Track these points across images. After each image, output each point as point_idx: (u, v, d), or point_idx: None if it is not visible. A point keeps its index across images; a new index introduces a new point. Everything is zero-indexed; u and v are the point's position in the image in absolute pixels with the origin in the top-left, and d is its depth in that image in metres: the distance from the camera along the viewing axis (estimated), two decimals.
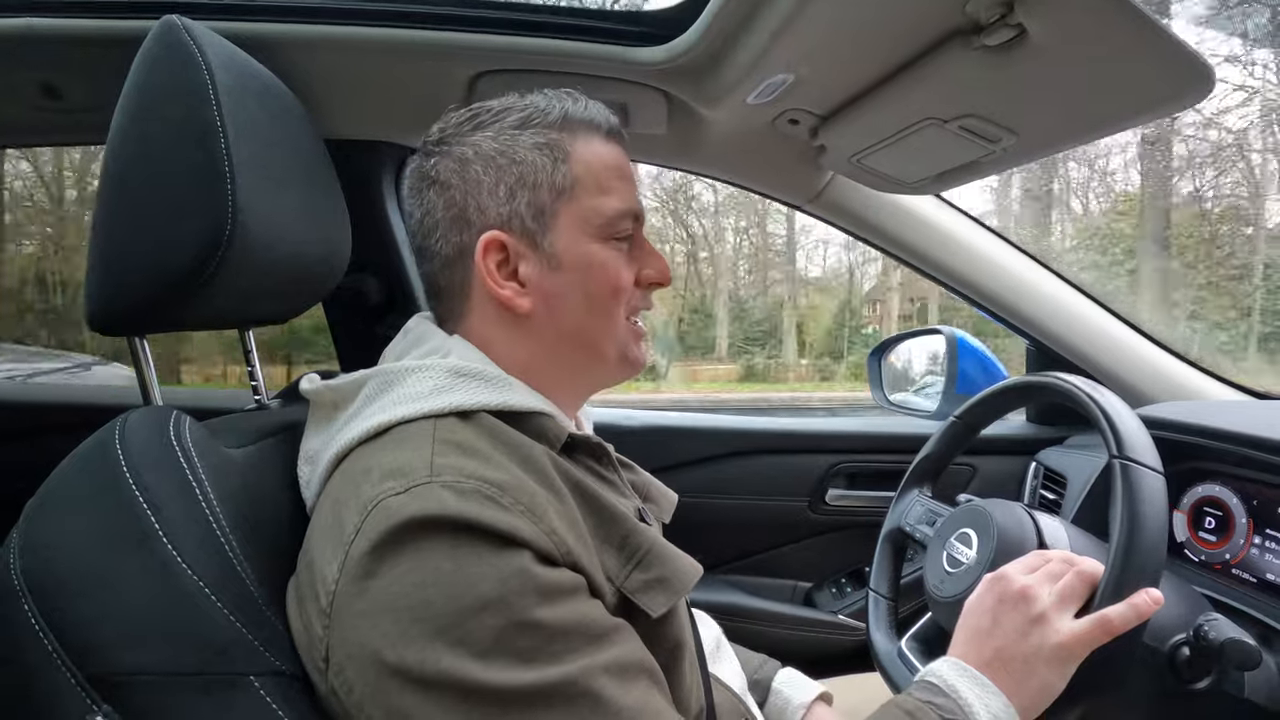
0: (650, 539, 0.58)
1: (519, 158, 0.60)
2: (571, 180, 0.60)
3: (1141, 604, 0.56)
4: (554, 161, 0.60)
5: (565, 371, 0.63)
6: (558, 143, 0.60)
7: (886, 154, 0.92)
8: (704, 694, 0.66)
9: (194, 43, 0.61)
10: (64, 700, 0.45)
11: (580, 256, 0.61)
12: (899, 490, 0.90)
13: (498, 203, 0.60)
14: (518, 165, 0.60)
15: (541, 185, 0.60)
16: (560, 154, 0.60)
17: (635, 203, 0.63)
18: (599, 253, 0.61)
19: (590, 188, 0.61)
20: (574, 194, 0.61)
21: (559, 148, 0.60)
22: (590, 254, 0.61)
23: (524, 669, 0.45)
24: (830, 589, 1.37)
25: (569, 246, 0.61)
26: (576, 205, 0.61)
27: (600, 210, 0.61)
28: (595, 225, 0.61)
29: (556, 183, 0.60)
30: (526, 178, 0.60)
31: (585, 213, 0.61)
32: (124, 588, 0.47)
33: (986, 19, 0.63)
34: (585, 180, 0.61)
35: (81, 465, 0.52)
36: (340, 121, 1.00)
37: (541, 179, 0.60)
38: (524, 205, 0.60)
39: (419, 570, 0.46)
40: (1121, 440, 0.63)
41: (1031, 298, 1.19)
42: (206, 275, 0.59)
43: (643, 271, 0.65)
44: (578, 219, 0.61)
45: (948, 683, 0.57)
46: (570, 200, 0.60)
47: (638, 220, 0.64)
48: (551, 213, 0.60)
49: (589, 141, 0.62)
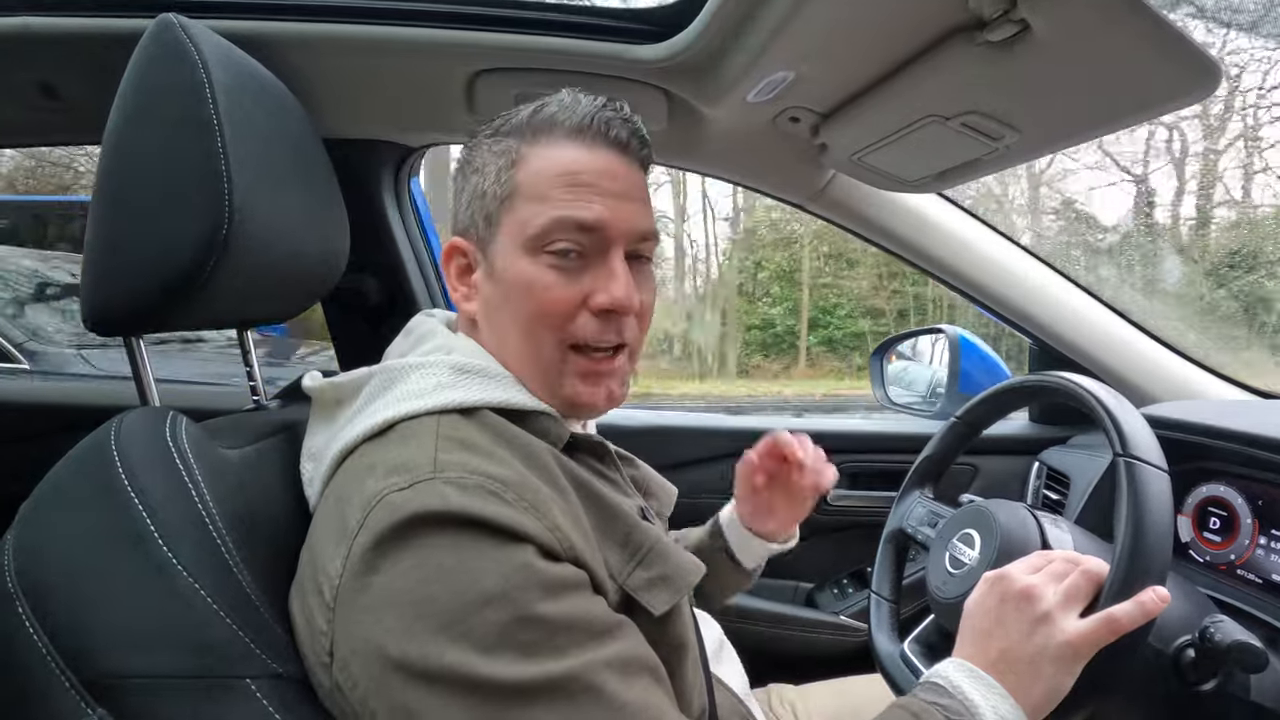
0: (653, 537, 0.58)
1: (478, 164, 0.61)
2: (512, 187, 0.58)
3: (1148, 602, 0.55)
4: (500, 168, 0.59)
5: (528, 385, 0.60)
6: (513, 148, 0.59)
7: (888, 152, 0.91)
8: (706, 694, 0.65)
9: (191, 41, 0.61)
10: (58, 703, 0.45)
11: (509, 269, 0.58)
12: (900, 491, 0.90)
13: (461, 209, 0.62)
14: (477, 174, 0.61)
15: (489, 194, 0.59)
16: (509, 159, 0.59)
17: (584, 215, 0.56)
18: (526, 269, 0.57)
19: (528, 195, 0.57)
20: (514, 203, 0.58)
21: (510, 153, 0.59)
22: (519, 269, 0.57)
23: (527, 663, 0.45)
24: (832, 589, 1.37)
25: (503, 258, 0.59)
26: (514, 216, 0.58)
27: (531, 220, 0.57)
28: (525, 236, 0.57)
29: (499, 191, 0.59)
30: (479, 185, 0.60)
31: (519, 223, 0.57)
32: (119, 590, 0.47)
33: (990, 15, 0.63)
34: (524, 187, 0.58)
35: (77, 466, 0.52)
36: (338, 120, 1.00)
37: (490, 187, 0.59)
38: (478, 213, 0.60)
39: (422, 565, 0.46)
40: (1126, 438, 0.62)
41: (1034, 296, 1.18)
42: (203, 275, 0.58)
43: (594, 296, 0.57)
44: (514, 230, 0.58)
45: (953, 683, 0.57)
46: (509, 209, 0.58)
47: (590, 234, 0.57)
48: (496, 221, 0.59)
49: (550, 145, 0.58)
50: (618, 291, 0.57)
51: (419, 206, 1.20)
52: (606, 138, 0.59)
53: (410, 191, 1.18)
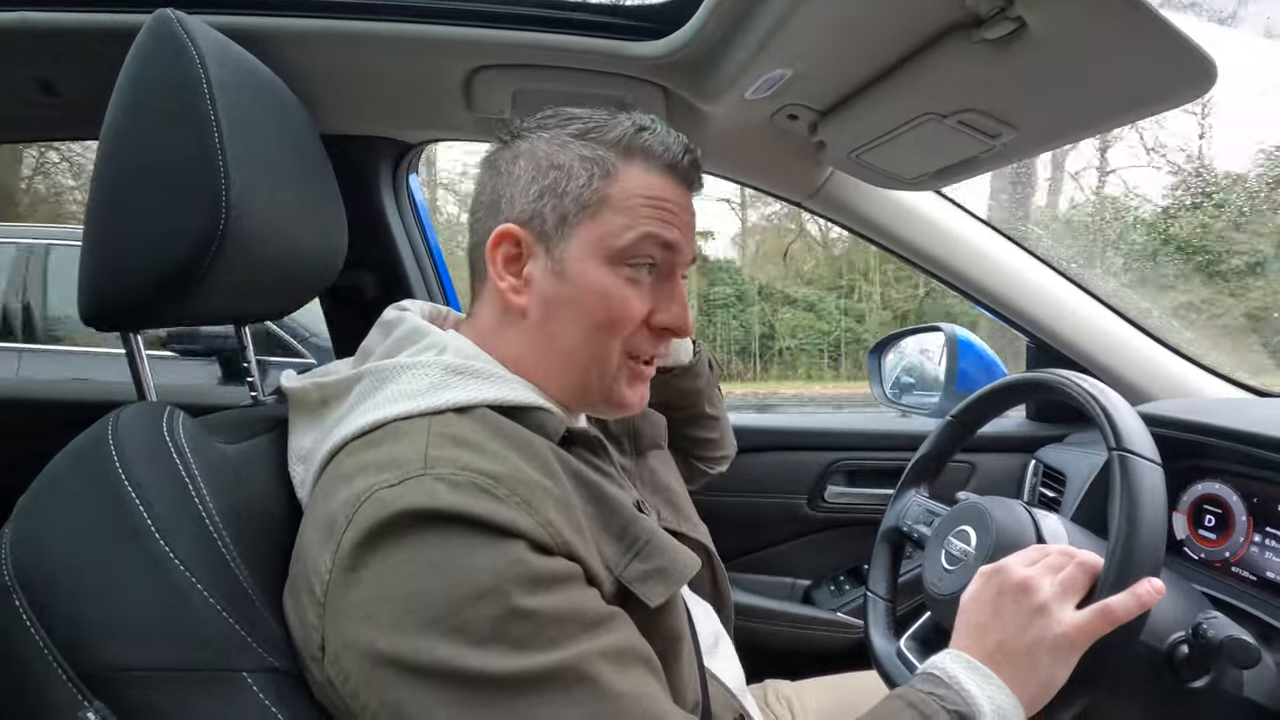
0: (650, 529, 0.58)
1: (560, 163, 0.60)
2: (601, 198, 0.60)
3: (1144, 593, 0.56)
4: (592, 176, 0.60)
5: (553, 381, 0.62)
6: (606, 159, 0.60)
7: (885, 149, 0.91)
8: (700, 688, 0.65)
9: (188, 36, 0.60)
10: (55, 696, 0.45)
11: (584, 274, 0.60)
12: (897, 489, 0.90)
13: (527, 199, 0.61)
14: (556, 170, 0.60)
15: (570, 195, 0.60)
16: (603, 171, 0.60)
17: (669, 235, 0.61)
18: (604, 277, 0.60)
19: (618, 210, 0.60)
20: (599, 212, 0.60)
21: (605, 164, 0.60)
22: (595, 276, 0.60)
23: (519, 655, 0.45)
24: (829, 586, 1.37)
25: (577, 261, 0.60)
26: (597, 224, 0.60)
27: (618, 234, 0.60)
28: (609, 247, 0.60)
29: (585, 196, 0.60)
30: (560, 184, 0.60)
31: (603, 233, 0.60)
32: (116, 584, 0.47)
33: (986, 12, 0.63)
34: (616, 202, 0.60)
35: (74, 461, 0.52)
36: (336, 116, 0.99)
37: (573, 188, 0.60)
38: (549, 209, 0.60)
39: (412, 561, 0.46)
40: (1120, 433, 0.62)
41: (1030, 294, 1.18)
42: (200, 271, 0.58)
43: (656, 314, 0.62)
44: (594, 237, 0.60)
45: (950, 674, 0.57)
46: (593, 218, 0.60)
47: (669, 252, 0.62)
48: (573, 223, 0.60)
49: (644, 170, 0.61)
50: (683, 315, 0.64)
51: (417, 203, 1.21)
52: (688, 178, 0.64)
53: (408, 188, 1.18)
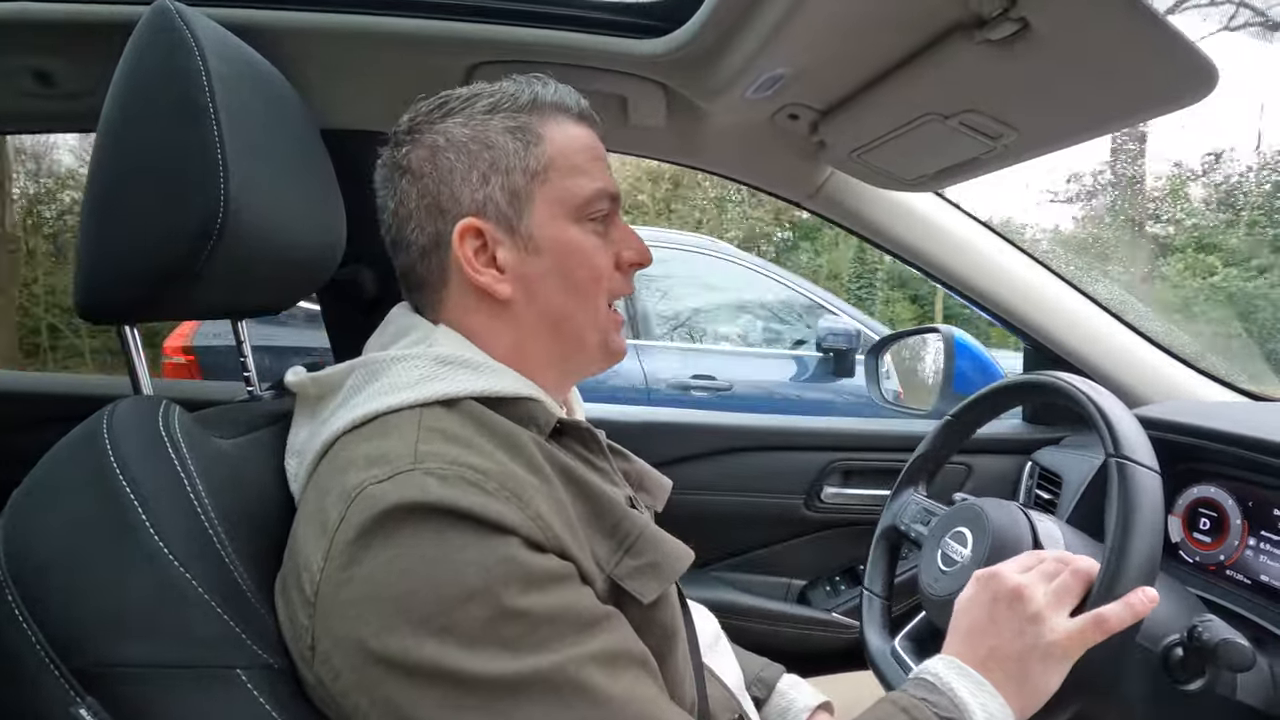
0: (641, 525, 0.57)
1: (490, 142, 0.59)
2: (545, 162, 0.60)
3: (1137, 603, 0.56)
4: (526, 144, 0.60)
5: (548, 357, 0.63)
6: (529, 125, 0.60)
7: (886, 150, 0.91)
8: (697, 686, 0.65)
9: (187, 28, 0.60)
10: (48, 691, 0.45)
11: (557, 239, 0.60)
12: (894, 489, 0.90)
13: (471, 189, 0.59)
14: (490, 150, 0.59)
15: (514, 169, 0.59)
16: (532, 136, 0.60)
17: (610, 183, 0.63)
18: (576, 235, 0.61)
19: (564, 169, 0.60)
20: (548, 176, 0.60)
21: (530, 130, 0.60)
22: (568, 237, 0.61)
23: (510, 658, 0.45)
24: (825, 587, 1.37)
25: (545, 229, 0.60)
26: (551, 187, 0.60)
27: (576, 191, 0.60)
28: (571, 206, 0.60)
29: (530, 165, 0.60)
30: (499, 162, 0.59)
31: (560, 194, 0.60)
32: (109, 579, 0.46)
33: (989, 13, 0.63)
34: (559, 162, 0.60)
35: (68, 455, 0.51)
36: (336, 111, 0.99)
37: (514, 163, 0.59)
38: (498, 190, 0.59)
39: (403, 558, 0.46)
40: (1118, 439, 0.62)
41: (1029, 297, 1.18)
42: (198, 264, 0.58)
43: (621, 253, 0.64)
44: (553, 201, 0.60)
45: (943, 680, 0.57)
46: (545, 182, 0.60)
47: (614, 201, 0.63)
48: (526, 196, 0.60)
49: (560, 124, 0.61)
50: (643, 247, 0.65)
51: None
52: (590, 118, 0.65)
53: None
